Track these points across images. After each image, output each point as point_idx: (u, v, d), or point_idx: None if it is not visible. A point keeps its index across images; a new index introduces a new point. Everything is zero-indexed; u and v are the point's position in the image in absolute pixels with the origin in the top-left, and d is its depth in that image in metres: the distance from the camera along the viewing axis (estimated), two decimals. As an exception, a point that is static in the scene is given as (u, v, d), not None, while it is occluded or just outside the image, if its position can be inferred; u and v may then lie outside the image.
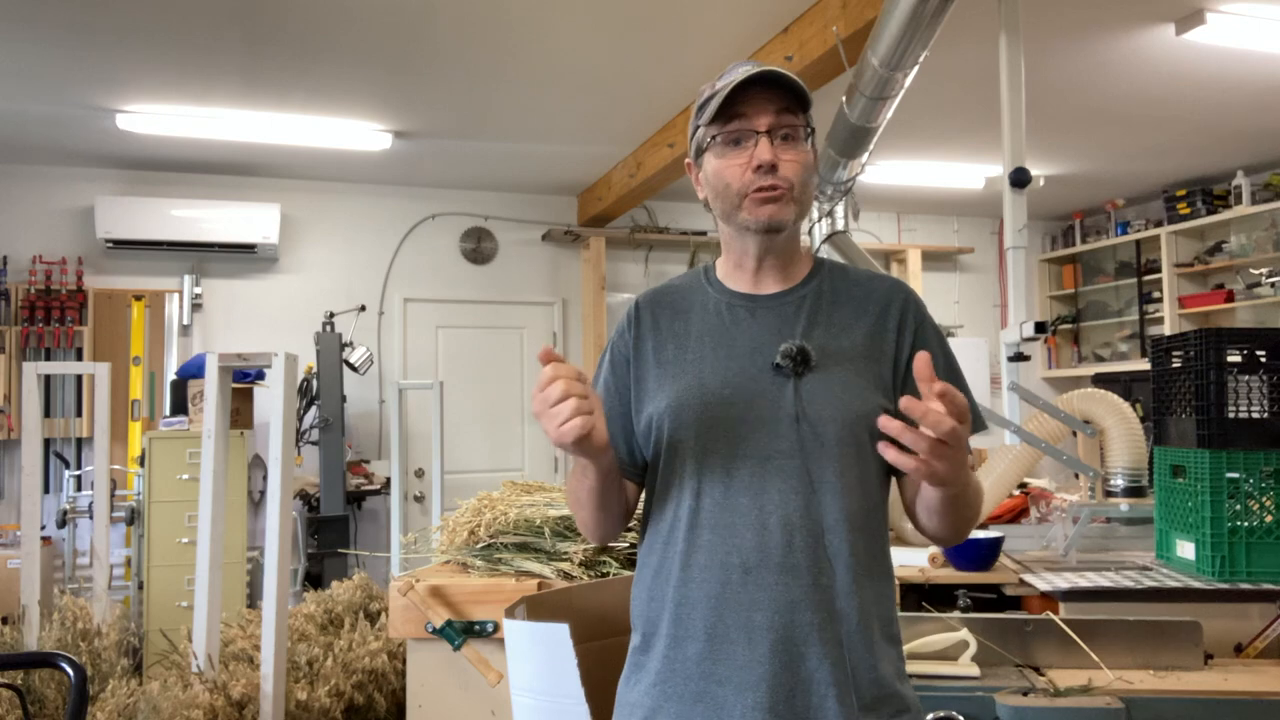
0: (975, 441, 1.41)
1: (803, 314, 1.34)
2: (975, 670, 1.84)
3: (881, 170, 5.58)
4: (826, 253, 4.22)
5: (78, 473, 5.25)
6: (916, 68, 3.04)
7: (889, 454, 1.09)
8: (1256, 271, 5.75)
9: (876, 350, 1.33)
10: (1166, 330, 6.12)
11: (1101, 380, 6.41)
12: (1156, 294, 6.39)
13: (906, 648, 1.86)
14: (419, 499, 6.05)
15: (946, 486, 1.16)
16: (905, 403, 1.05)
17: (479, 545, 2.52)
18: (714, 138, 1.32)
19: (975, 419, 1.34)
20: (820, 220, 4.33)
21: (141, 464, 4.59)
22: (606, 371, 1.42)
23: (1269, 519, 2.22)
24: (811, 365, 1.28)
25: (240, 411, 4.67)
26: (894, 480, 1.36)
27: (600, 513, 1.35)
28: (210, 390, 2.76)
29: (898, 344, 1.34)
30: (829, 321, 1.34)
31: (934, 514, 1.28)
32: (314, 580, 4.93)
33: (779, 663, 1.22)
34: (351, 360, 5.36)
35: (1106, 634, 1.91)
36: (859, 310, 1.35)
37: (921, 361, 1.07)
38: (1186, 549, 2.33)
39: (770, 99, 1.30)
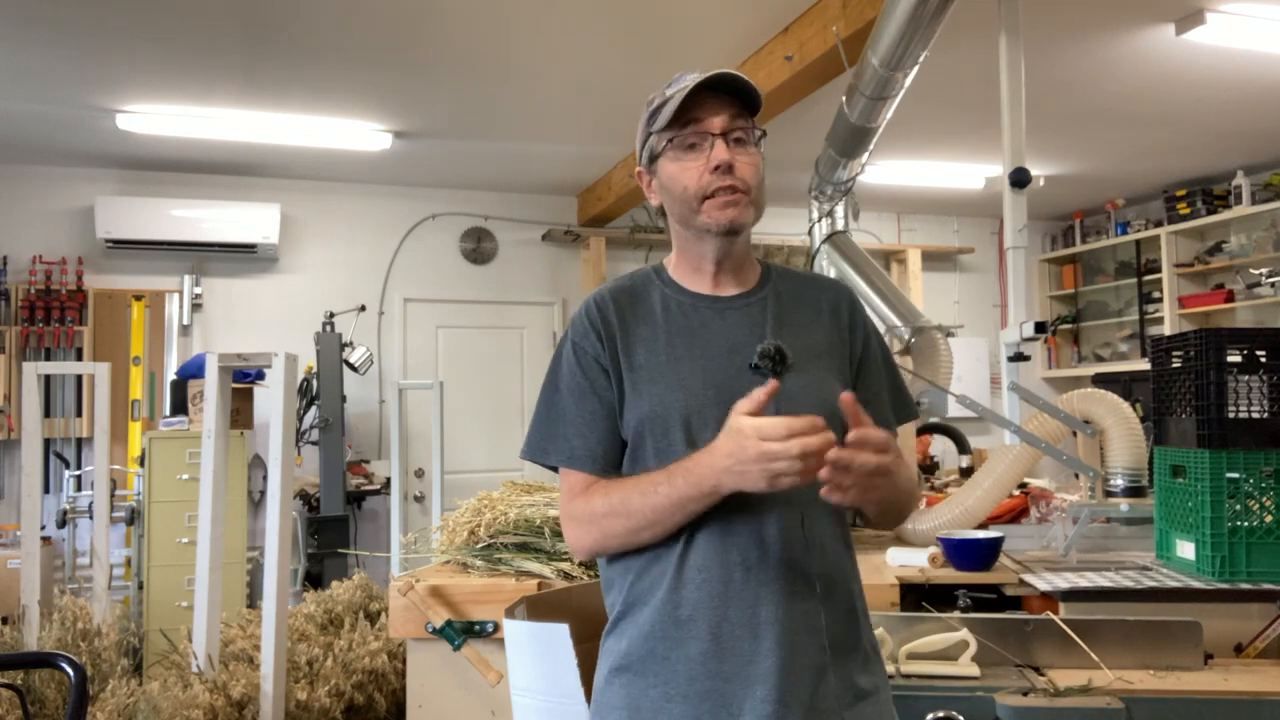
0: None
1: (769, 315, 1.38)
2: (975, 670, 1.84)
3: (881, 170, 5.57)
4: (827, 253, 4.22)
5: (78, 473, 5.25)
6: (916, 68, 3.04)
7: (833, 498, 1.17)
8: (1256, 271, 5.76)
9: (837, 349, 1.41)
10: (1166, 330, 6.12)
11: (1101, 380, 6.41)
12: (1156, 294, 6.39)
13: (906, 648, 1.87)
14: (419, 499, 6.04)
15: (883, 503, 1.28)
16: (833, 454, 1.15)
17: (479, 545, 2.52)
18: (669, 141, 1.35)
19: (905, 408, 1.46)
20: (820, 220, 4.32)
21: (141, 464, 4.60)
22: (575, 373, 1.36)
23: (1269, 519, 2.22)
24: (789, 364, 1.32)
25: (240, 411, 4.68)
26: None
27: (654, 535, 1.29)
28: (210, 390, 2.76)
29: (851, 342, 1.42)
30: (793, 322, 1.39)
31: (879, 515, 1.37)
32: (314, 580, 4.93)
33: (784, 653, 1.25)
34: (351, 360, 5.35)
35: (1106, 634, 1.91)
36: (814, 311, 1.42)
37: (848, 400, 1.17)
38: (1186, 549, 2.33)
39: (722, 103, 1.33)
